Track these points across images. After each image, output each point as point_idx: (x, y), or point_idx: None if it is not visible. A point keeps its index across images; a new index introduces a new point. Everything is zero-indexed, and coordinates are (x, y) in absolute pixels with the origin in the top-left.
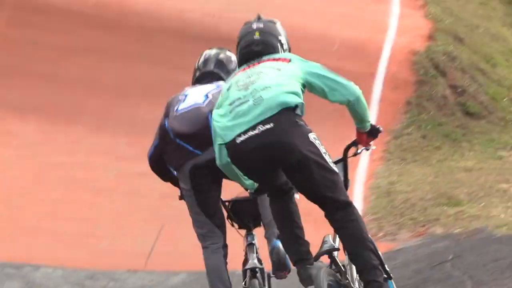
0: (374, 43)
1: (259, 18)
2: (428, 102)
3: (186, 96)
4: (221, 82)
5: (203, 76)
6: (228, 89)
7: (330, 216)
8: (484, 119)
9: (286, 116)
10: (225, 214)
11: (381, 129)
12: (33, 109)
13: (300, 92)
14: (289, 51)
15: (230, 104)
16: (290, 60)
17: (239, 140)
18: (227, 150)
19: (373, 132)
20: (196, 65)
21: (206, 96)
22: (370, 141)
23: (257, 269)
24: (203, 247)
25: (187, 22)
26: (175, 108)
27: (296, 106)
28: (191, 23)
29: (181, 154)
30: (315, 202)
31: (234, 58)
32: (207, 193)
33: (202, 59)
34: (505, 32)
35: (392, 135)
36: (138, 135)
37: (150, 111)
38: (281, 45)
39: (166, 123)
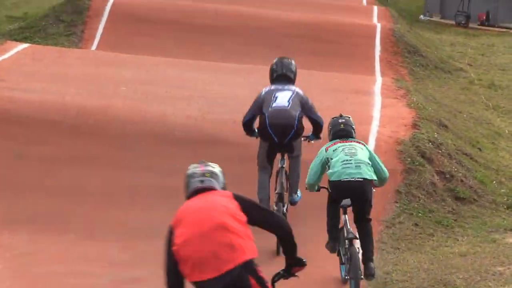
0: (359, 135)
1: (341, 116)
2: (418, 189)
3: (276, 97)
4: (292, 86)
5: (279, 78)
6: (334, 150)
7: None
8: (475, 203)
9: (369, 181)
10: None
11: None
12: (23, 221)
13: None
14: None
15: (342, 162)
16: (363, 145)
17: (344, 180)
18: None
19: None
20: (272, 67)
21: (289, 101)
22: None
23: (282, 194)
24: (259, 171)
25: (169, 125)
26: (271, 104)
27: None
28: (174, 127)
29: (267, 134)
30: (357, 216)
31: (293, 62)
32: (272, 153)
33: (275, 64)
34: (488, 115)
35: (384, 225)
36: (129, 240)
37: (140, 215)
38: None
39: (265, 111)
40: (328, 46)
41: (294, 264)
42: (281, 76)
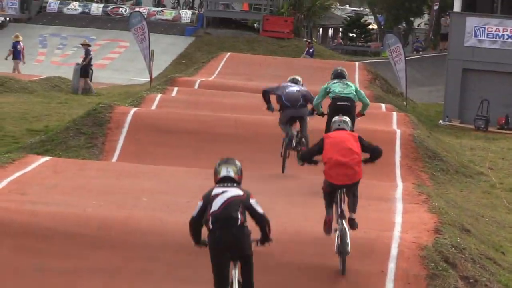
0: (382, 242)
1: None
2: None
3: (289, 87)
4: (298, 86)
5: (292, 81)
6: (334, 84)
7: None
8: None
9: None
10: None
11: None
12: None
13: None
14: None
15: (338, 91)
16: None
17: (340, 99)
18: (334, 99)
19: None
20: (289, 79)
21: (298, 90)
22: None
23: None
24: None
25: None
26: (285, 91)
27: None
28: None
29: (285, 105)
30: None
31: (300, 79)
32: (291, 118)
33: (289, 79)
34: (510, 218)
35: None
36: None
37: None
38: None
39: (282, 94)
40: None
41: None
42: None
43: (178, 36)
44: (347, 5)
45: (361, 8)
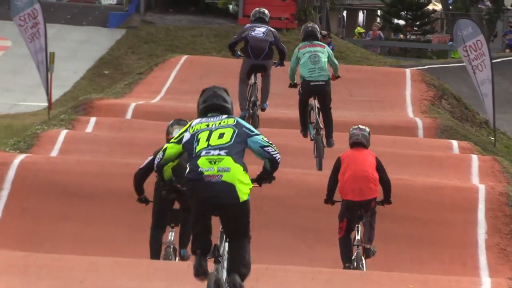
0: None
1: (309, 22)
2: None
3: (255, 30)
4: (264, 25)
5: (257, 21)
6: (304, 54)
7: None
8: None
9: (328, 81)
10: None
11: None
12: None
13: None
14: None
15: (308, 69)
16: (324, 47)
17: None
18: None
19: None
20: (252, 14)
21: (263, 33)
22: None
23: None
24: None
25: None
26: (250, 33)
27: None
28: None
29: (247, 53)
30: (322, 106)
31: (267, 12)
32: (250, 70)
33: (253, 14)
34: None
35: None
36: None
37: None
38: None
39: (247, 37)
40: (402, 229)
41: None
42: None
43: (97, 27)
44: None
45: None
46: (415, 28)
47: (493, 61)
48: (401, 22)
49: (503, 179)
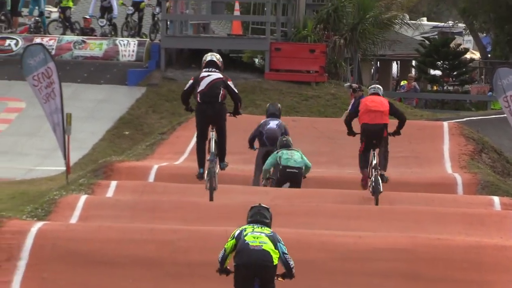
0: None
1: (284, 137)
2: None
3: (270, 123)
4: (277, 120)
5: (271, 116)
6: (282, 153)
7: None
8: None
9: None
10: None
11: None
12: None
13: None
14: None
15: (285, 159)
16: (297, 151)
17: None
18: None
19: None
20: (267, 109)
21: (276, 125)
22: None
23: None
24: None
25: None
26: (267, 127)
27: None
28: None
29: (263, 141)
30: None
31: (279, 106)
32: (265, 155)
33: (268, 109)
34: None
35: None
36: None
37: None
38: None
39: (263, 131)
40: None
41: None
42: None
43: (115, 86)
44: (424, 18)
45: (450, 23)
46: (453, 79)
47: None
48: (438, 72)
49: None
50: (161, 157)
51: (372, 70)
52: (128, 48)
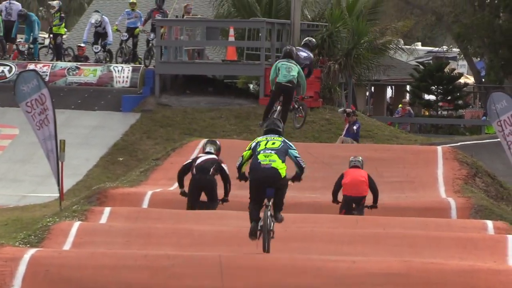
0: None
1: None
2: None
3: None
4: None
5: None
6: (282, 64)
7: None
8: None
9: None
10: None
11: None
12: None
13: None
14: None
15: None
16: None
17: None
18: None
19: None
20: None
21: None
22: None
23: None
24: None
25: None
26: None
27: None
28: None
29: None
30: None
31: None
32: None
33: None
34: None
35: None
36: None
37: None
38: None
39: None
40: None
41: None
42: None
43: (110, 112)
44: (419, 43)
45: (444, 48)
46: (447, 102)
47: None
48: (432, 97)
49: None
50: (155, 183)
51: (366, 95)
52: (122, 74)
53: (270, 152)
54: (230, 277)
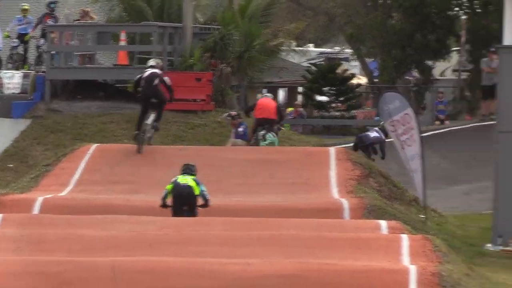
0: None
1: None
2: None
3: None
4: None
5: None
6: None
7: None
8: None
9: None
10: None
11: None
12: None
13: None
14: None
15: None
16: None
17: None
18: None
19: None
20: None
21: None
22: None
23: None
24: None
25: None
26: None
27: None
28: None
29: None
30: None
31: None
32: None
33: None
34: None
35: None
36: None
37: None
38: None
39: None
40: None
41: None
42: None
43: (0, 119)
44: (311, 45)
45: (337, 49)
46: (339, 103)
47: (423, 134)
48: (325, 98)
49: (435, 258)
50: (46, 189)
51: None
52: (12, 80)
53: (187, 177)
54: (124, 282)
